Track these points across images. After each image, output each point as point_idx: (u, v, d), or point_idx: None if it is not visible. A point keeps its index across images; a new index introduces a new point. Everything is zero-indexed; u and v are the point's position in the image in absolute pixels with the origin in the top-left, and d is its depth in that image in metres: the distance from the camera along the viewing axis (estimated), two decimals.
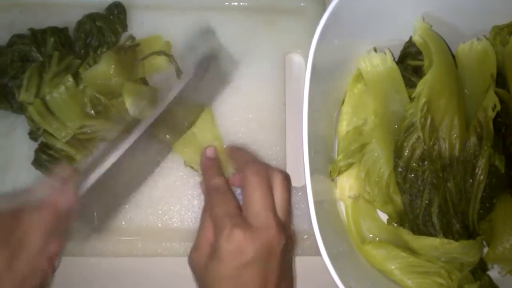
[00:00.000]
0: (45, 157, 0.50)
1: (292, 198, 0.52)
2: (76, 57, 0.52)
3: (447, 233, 0.45)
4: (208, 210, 0.43)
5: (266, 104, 0.54)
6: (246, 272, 0.39)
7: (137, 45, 0.54)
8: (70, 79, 0.50)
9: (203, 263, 0.41)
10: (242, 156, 0.49)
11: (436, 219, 0.45)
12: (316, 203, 0.40)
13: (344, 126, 0.50)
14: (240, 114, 0.54)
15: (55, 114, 0.49)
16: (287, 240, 0.41)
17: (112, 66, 0.50)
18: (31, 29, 0.54)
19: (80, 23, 0.54)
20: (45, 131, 0.50)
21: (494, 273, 0.48)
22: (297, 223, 0.51)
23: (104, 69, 0.50)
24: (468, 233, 0.45)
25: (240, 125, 0.53)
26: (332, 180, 0.49)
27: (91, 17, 0.54)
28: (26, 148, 0.52)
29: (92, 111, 0.51)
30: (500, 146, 0.45)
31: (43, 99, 0.49)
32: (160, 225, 0.51)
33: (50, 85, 0.50)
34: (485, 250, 0.48)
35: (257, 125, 0.54)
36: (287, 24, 0.56)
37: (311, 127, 0.41)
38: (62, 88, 0.49)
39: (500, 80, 0.48)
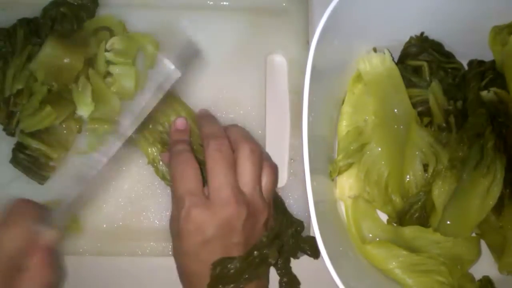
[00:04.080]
0: (23, 156, 0.50)
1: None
2: (40, 45, 0.51)
3: None
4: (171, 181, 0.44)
5: (247, 105, 0.54)
6: (206, 249, 0.40)
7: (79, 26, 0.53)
8: None
9: (172, 237, 0.43)
10: (209, 126, 0.47)
11: None
12: (316, 203, 0.40)
13: (344, 126, 0.50)
14: (220, 114, 0.53)
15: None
16: (258, 215, 0.42)
17: (56, 46, 0.49)
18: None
19: (45, 10, 0.53)
20: (21, 131, 0.50)
21: (494, 272, 0.48)
22: None
23: (48, 51, 0.50)
24: None
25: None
26: (332, 180, 0.50)
27: (56, 3, 0.53)
28: (5, 145, 0.52)
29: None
30: (501, 148, 0.45)
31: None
32: (139, 224, 0.51)
33: (12, 83, 0.50)
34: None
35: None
36: (269, 24, 0.56)
37: (310, 127, 0.41)
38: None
39: (499, 80, 0.48)
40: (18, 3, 0.54)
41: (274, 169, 0.46)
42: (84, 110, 0.51)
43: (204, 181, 0.43)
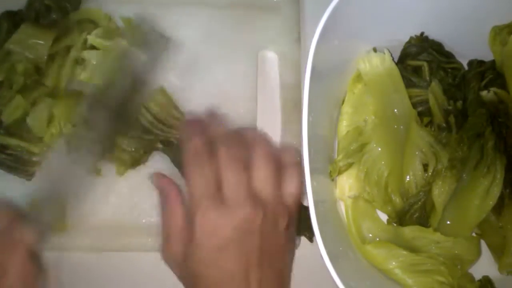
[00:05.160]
0: (4, 156, 0.50)
1: None
2: None
3: None
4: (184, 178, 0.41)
5: (238, 100, 0.54)
6: (224, 253, 0.38)
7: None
8: None
9: (180, 252, 0.40)
10: (218, 129, 0.43)
11: None
12: (316, 203, 0.40)
13: (344, 126, 0.50)
14: None
15: None
16: (277, 218, 0.40)
17: (31, 26, 0.50)
18: None
19: (30, 2, 0.53)
20: None
21: (494, 272, 0.48)
22: None
23: (21, 37, 0.50)
24: None
25: None
26: (332, 180, 0.50)
27: None
28: None
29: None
30: (502, 148, 0.45)
31: None
32: (130, 220, 0.51)
33: None
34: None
35: (229, 121, 0.53)
36: (261, 20, 0.56)
37: (310, 127, 0.41)
38: None
39: (499, 80, 0.48)
40: None
41: (297, 172, 0.42)
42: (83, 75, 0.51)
43: None
